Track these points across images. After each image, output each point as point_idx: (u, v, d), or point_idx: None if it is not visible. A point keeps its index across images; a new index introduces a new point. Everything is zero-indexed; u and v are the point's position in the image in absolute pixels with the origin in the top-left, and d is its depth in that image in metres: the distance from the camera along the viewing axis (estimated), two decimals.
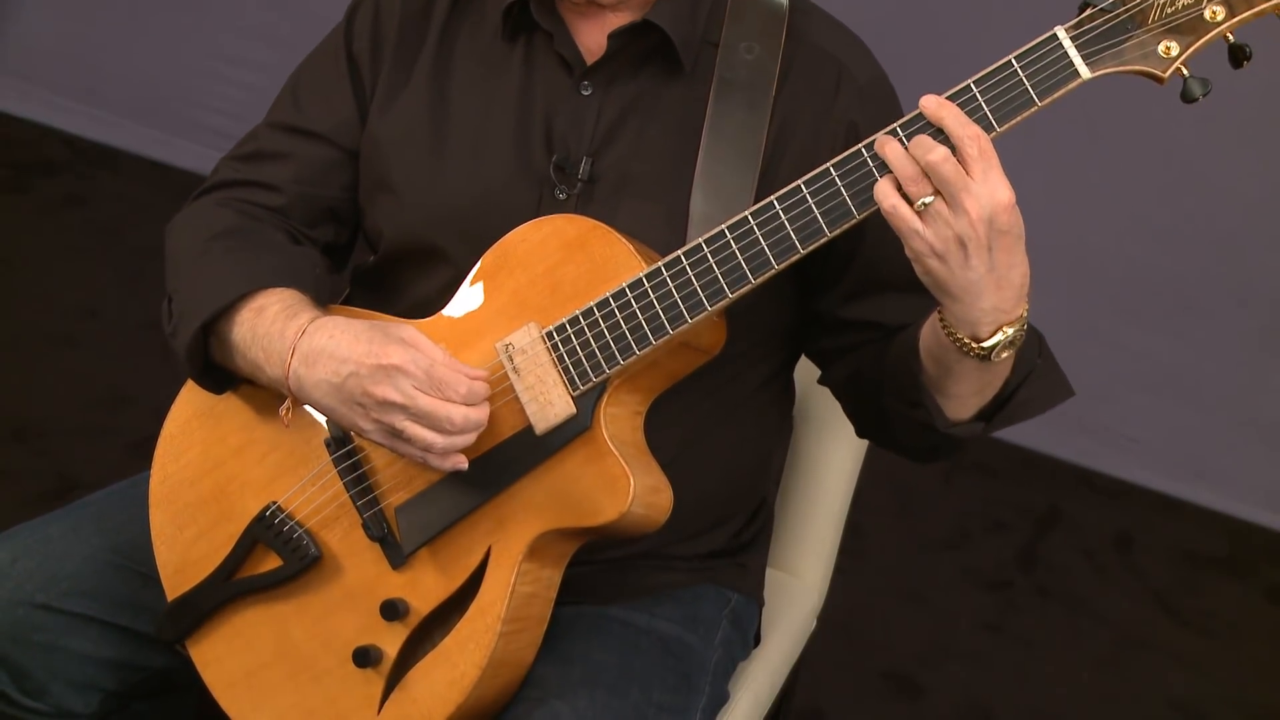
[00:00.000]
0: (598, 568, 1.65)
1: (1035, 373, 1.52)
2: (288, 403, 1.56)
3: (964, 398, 1.51)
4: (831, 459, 1.95)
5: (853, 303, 1.63)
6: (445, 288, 1.58)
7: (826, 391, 1.73)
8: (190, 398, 1.66)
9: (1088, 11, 1.38)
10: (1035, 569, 3.14)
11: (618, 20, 1.61)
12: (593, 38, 1.62)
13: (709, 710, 1.68)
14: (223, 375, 1.61)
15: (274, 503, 1.60)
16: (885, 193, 1.38)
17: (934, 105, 1.37)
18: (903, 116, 1.63)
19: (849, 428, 1.74)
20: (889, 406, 1.59)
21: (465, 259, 1.57)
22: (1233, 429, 3.35)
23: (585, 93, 1.61)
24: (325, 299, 1.63)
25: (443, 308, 1.56)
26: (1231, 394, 3.33)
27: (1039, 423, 1.58)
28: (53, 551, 1.64)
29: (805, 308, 1.66)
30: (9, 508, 2.75)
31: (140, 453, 1.68)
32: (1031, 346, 1.51)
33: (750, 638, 1.83)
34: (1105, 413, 3.36)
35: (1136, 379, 3.37)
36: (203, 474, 1.64)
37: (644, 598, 1.69)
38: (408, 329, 1.49)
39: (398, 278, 1.67)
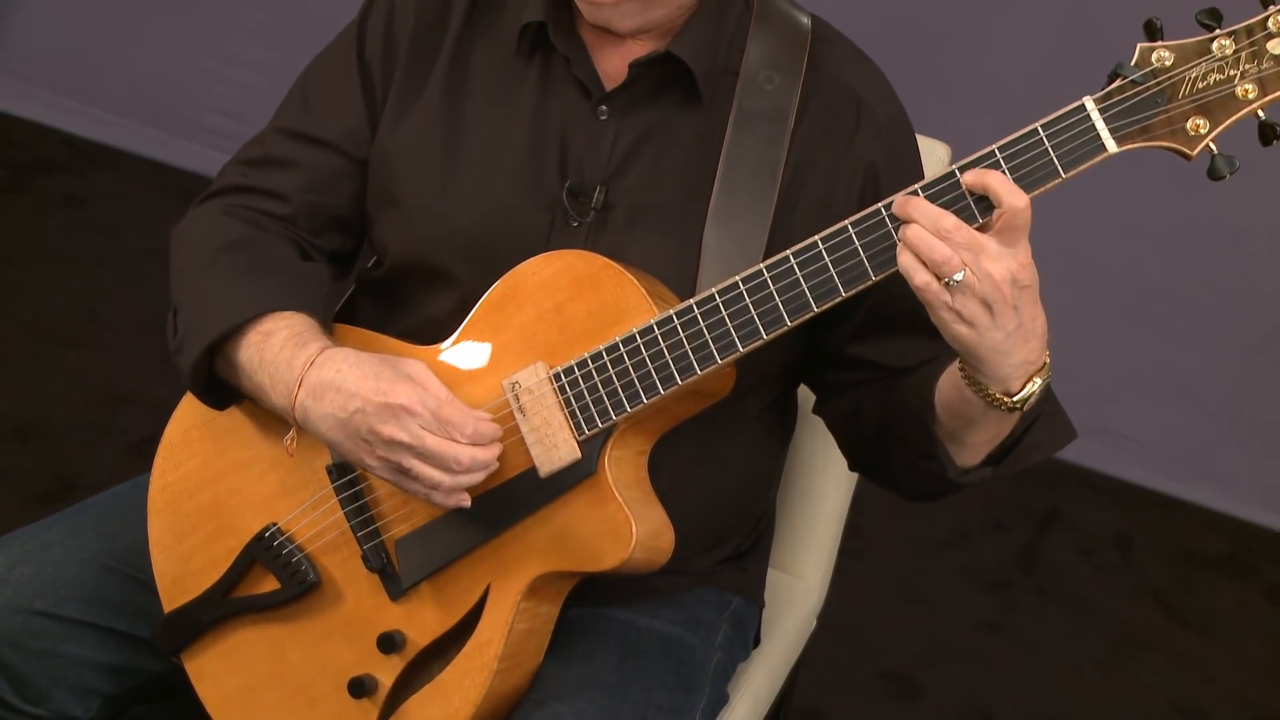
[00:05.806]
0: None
1: (1043, 416, 1.50)
2: (292, 433, 1.56)
3: (979, 446, 1.50)
4: (831, 459, 1.94)
5: (860, 341, 1.61)
6: (453, 309, 1.57)
7: None
8: (191, 407, 1.64)
9: (1117, 83, 1.36)
10: (1035, 569, 3.14)
11: (638, 47, 1.58)
12: (611, 63, 1.59)
13: (709, 712, 1.68)
14: (225, 392, 1.59)
15: (274, 524, 1.59)
16: (914, 268, 1.35)
17: (976, 173, 1.35)
18: (915, 150, 1.63)
19: None
20: (896, 457, 1.58)
21: (473, 281, 1.55)
22: (1233, 429, 3.34)
23: (602, 117, 1.58)
24: (331, 316, 1.61)
25: (450, 330, 1.54)
26: (1231, 394, 3.33)
27: None
28: (50, 558, 1.64)
29: (811, 340, 1.64)
30: (9, 508, 2.75)
31: (140, 453, 1.67)
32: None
33: (750, 640, 1.83)
34: (1105, 413, 3.35)
35: (1136, 379, 3.37)
36: (202, 485, 1.63)
37: (644, 599, 1.68)
38: (415, 365, 1.47)
39: (405, 294, 1.65)
